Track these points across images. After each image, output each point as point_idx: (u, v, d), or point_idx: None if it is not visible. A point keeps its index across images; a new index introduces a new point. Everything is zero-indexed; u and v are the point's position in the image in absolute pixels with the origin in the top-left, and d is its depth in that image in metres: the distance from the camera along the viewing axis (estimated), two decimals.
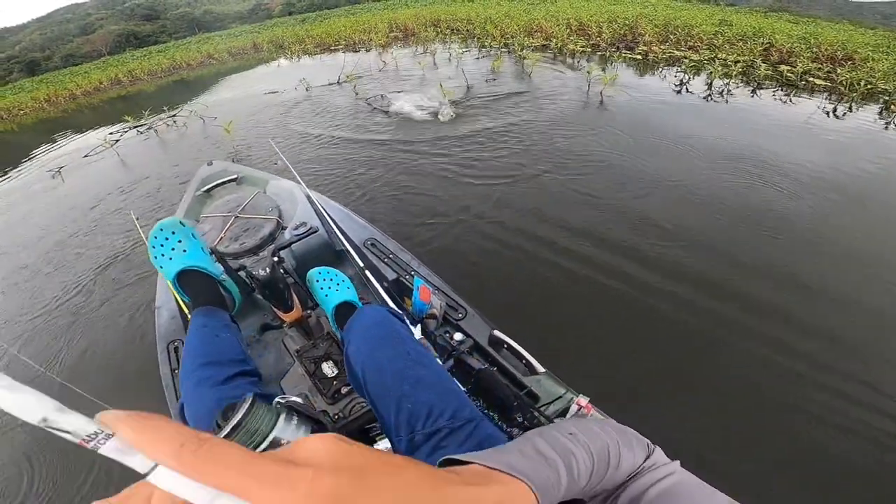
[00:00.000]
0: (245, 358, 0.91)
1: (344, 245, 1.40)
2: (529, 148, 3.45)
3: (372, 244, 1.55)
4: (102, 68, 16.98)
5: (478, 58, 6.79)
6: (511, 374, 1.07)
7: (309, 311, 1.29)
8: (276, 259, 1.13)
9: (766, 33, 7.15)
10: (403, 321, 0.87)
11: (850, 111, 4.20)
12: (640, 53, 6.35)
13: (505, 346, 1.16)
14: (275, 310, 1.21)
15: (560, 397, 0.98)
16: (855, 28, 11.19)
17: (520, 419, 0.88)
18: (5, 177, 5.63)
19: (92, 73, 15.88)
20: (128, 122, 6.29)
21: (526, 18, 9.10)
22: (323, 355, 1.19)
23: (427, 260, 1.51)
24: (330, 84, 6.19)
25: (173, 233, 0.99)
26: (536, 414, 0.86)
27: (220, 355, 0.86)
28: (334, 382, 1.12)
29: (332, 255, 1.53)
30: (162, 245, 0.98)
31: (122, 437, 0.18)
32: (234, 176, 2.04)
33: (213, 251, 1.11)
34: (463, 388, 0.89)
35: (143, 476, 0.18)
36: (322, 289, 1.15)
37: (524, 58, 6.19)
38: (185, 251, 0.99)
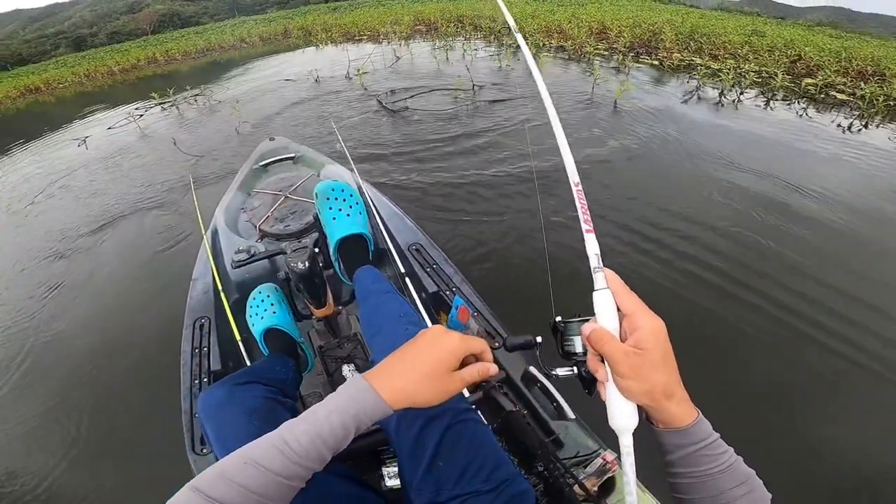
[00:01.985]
0: (283, 388, 0.89)
1: (387, 244, 1.34)
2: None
3: (417, 249, 1.45)
4: (143, 47, 17.75)
5: (492, 55, 6.80)
6: (540, 416, 0.99)
7: (339, 308, 1.22)
8: (315, 251, 1.09)
9: (798, 46, 6.88)
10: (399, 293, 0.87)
11: (866, 127, 4.05)
12: (657, 59, 6.24)
13: (538, 384, 1.07)
14: (306, 302, 1.18)
15: (588, 452, 0.90)
16: None
17: (540, 468, 0.84)
18: (39, 142, 6.05)
19: (132, 51, 16.63)
20: (154, 98, 6.63)
21: (549, 19, 9.03)
22: (346, 357, 1.15)
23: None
24: (337, 77, 6.25)
25: (269, 296, 1.07)
26: (559, 466, 0.80)
27: (258, 376, 0.84)
28: None
29: (374, 253, 1.59)
30: (258, 306, 1.06)
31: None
32: (292, 155, 2.01)
33: (261, 232, 1.14)
34: (487, 424, 0.85)
35: None
36: (331, 209, 1.01)
37: (537, 56, 6.17)
38: (274, 313, 1.04)
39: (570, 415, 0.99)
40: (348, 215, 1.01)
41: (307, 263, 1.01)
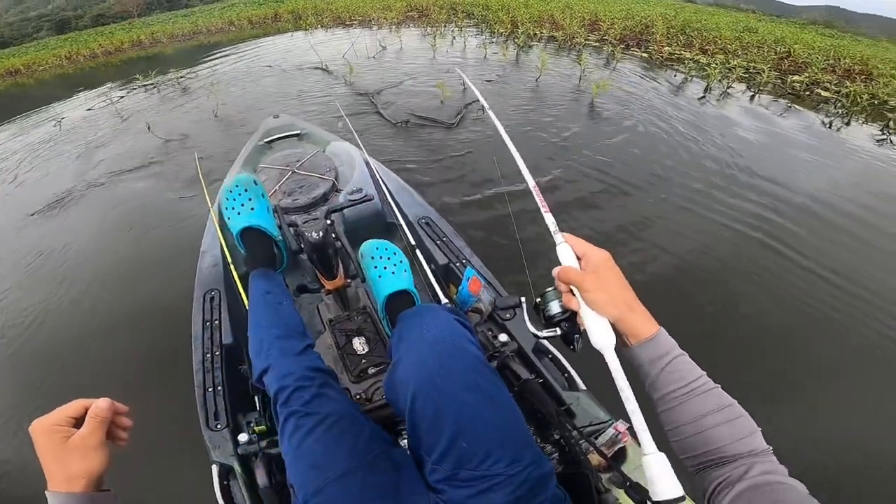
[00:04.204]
0: (304, 329, 0.93)
1: (397, 218, 1.35)
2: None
3: (426, 223, 1.46)
4: (127, 30, 17.21)
5: (483, 43, 6.69)
6: (551, 387, 1.00)
7: (349, 280, 1.20)
8: (329, 222, 1.08)
9: (788, 43, 6.89)
10: (473, 333, 0.75)
11: (847, 125, 4.07)
12: (647, 52, 6.20)
13: (550, 355, 1.09)
14: (318, 273, 1.15)
15: (599, 421, 0.92)
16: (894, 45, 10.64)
17: (556, 436, 0.85)
18: (17, 121, 5.86)
19: (116, 33, 16.11)
20: (138, 79, 6.44)
21: (541, 8, 8.92)
22: (356, 329, 1.14)
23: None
24: (316, 68, 5.83)
25: (246, 189, 1.01)
26: (575, 433, 0.81)
27: (289, 327, 0.90)
28: (363, 361, 1.07)
29: (382, 226, 1.49)
30: (235, 199, 1.00)
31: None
32: (298, 131, 2.00)
33: (276, 209, 1.09)
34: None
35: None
36: (376, 267, 1.00)
37: (522, 46, 6.12)
38: (252, 209, 1.00)
39: (582, 386, 1.00)
40: (393, 273, 1.01)
41: (321, 233, 1.00)
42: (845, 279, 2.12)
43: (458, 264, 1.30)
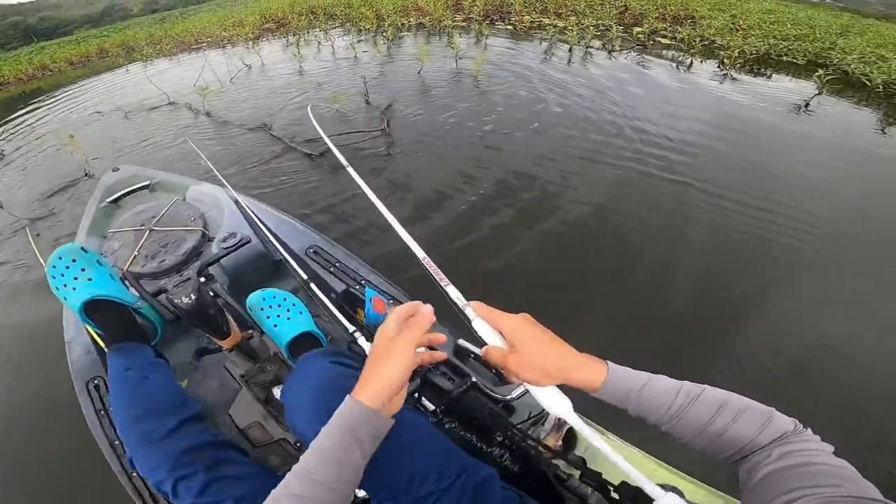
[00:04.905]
0: (183, 400, 0.83)
1: (283, 255, 1.26)
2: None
3: (315, 252, 1.40)
4: None
5: (351, 44, 6.36)
6: (482, 387, 0.96)
7: (251, 332, 1.15)
8: (202, 280, 1.01)
9: None
10: (358, 369, 0.72)
11: (691, 67, 4.62)
12: (511, 24, 6.45)
13: (472, 355, 1.05)
14: (208, 335, 1.08)
15: (540, 410, 0.89)
16: None
17: (500, 438, 0.83)
18: None
19: None
20: None
21: None
22: (273, 380, 1.08)
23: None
24: (157, 108, 4.72)
25: (74, 260, 0.88)
26: (516, 431, 0.80)
27: (154, 403, 0.79)
28: None
29: (269, 267, 1.40)
30: (63, 275, 0.87)
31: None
32: (146, 182, 1.80)
33: (125, 275, 1.00)
34: (433, 408, 0.86)
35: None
36: (269, 318, 0.98)
37: (391, 39, 5.95)
38: (90, 279, 0.88)
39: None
40: (288, 319, 0.99)
41: (193, 296, 0.92)
42: (751, 197, 2.39)
43: (357, 287, 1.26)
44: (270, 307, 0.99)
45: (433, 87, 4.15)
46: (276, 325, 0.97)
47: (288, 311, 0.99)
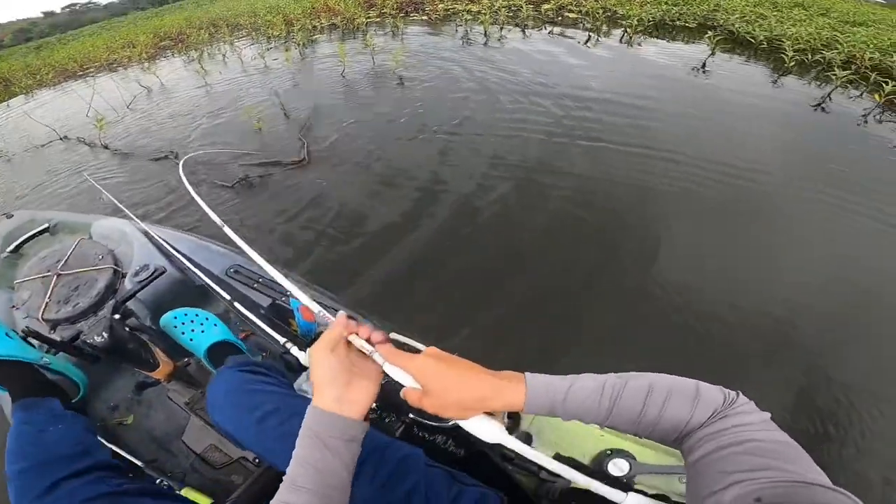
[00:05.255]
0: (84, 450, 0.80)
1: (203, 279, 1.27)
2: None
3: (236, 271, 1.41)
4: None
5: (260, 53, 5.97)
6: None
7: (187, 359, 1.17)
8: (116, 317, 1.01)
9: None
10: (266, 373, 0.86)
11: (598, 38, 4.84)
12: (425, 14, 6.40)
13: (397, 345, 0.96)
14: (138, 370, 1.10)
15: None
16: None
17: (438, 425, 0.83)
18: None
19: None
20: None
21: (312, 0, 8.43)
22: None
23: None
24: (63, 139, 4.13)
25: None
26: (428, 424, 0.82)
27: (45, 456, 0.75)
28: None
29: (192, 293, 1.38)
30: None
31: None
32: (45, 225, 1.73)
33: (27, 331, 0.98)
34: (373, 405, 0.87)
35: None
36: (184, 333, 1.04)
37: (303, 44, 5.68)
38: None
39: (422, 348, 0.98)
40: (203, 331, 1.04)
41: (105, 334, 0.94)
42: (679, 153, 2.55)
43: (283, 298, 1.29)
44: (183, 323, 1.04)
45: (357, 88, 4.00)
46: (191, 340, 1.02)
47: (202, 324, 1.05)
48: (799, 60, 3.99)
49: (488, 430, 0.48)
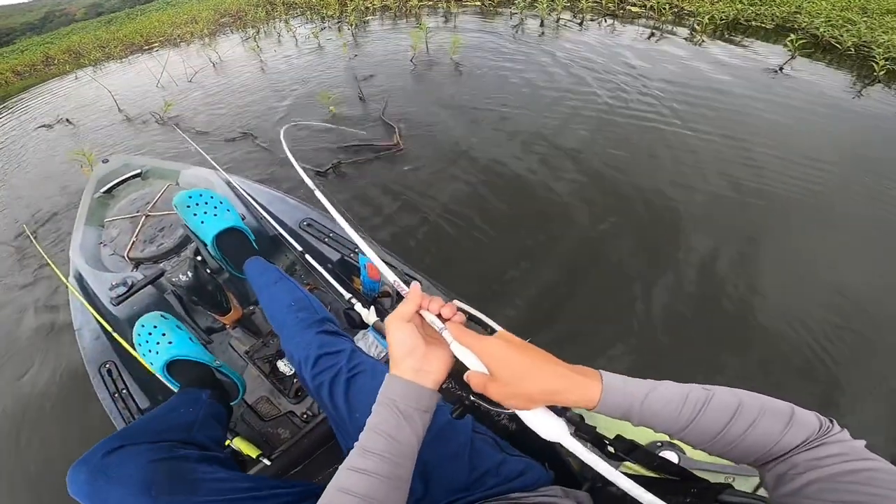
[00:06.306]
0: (191, 427, 0.83)
1: (277, 230, 1.31)
2: None
3: (308, 224, 1.45)
4: None
5: (314, 32, 6.05)
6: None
7: (252, 307, 1.23)
8: (198, 259, 1.06)
9: None
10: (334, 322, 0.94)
11: (662, 34, 4.56)
12: (479, 0, 6.26)
13: (467, 316, 0.97)
14: (210, 313, 1.15)
15: None
16: None
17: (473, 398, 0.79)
18: None
19: None
20: None
21: None
22: (275, 353, 1.14)
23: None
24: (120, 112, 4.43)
25: (156, 326, 0.97)
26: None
27: (155, 425, 0.78)
28: (294, 380, 1.09)
29: (265, 242, 1.42)
30: (147, 341, 0.96)
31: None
32: (138, 171, 1.82)
33: (130, 259, 1.05)
34: None
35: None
36: (195, 215, 1.02)
37: (355, 25, 5.69)
38: (171, 342, 0.96)
39: (497, 327, 1.00)
40: (215, 215, 1.03)
41: (189, 273, 0.99)
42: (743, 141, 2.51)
43: (351, 255, 1.32)
44: (197, 204, 1.02)
45: (424, 74, 3.92)
46: (202, 222, 1.01)
47: (215, 207, 1.03)
48: (888, 70, 3.60)
49: (551, 427, 0.44)
